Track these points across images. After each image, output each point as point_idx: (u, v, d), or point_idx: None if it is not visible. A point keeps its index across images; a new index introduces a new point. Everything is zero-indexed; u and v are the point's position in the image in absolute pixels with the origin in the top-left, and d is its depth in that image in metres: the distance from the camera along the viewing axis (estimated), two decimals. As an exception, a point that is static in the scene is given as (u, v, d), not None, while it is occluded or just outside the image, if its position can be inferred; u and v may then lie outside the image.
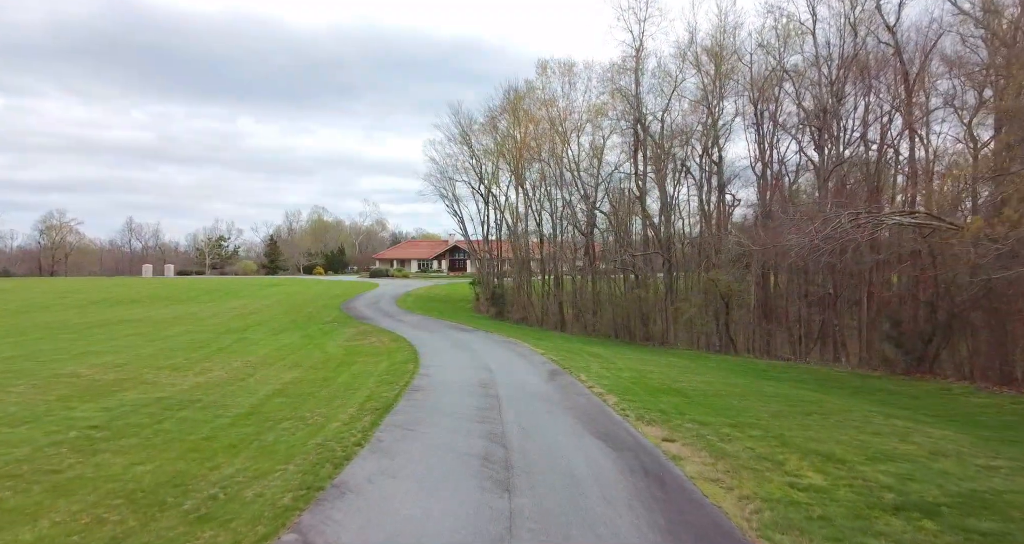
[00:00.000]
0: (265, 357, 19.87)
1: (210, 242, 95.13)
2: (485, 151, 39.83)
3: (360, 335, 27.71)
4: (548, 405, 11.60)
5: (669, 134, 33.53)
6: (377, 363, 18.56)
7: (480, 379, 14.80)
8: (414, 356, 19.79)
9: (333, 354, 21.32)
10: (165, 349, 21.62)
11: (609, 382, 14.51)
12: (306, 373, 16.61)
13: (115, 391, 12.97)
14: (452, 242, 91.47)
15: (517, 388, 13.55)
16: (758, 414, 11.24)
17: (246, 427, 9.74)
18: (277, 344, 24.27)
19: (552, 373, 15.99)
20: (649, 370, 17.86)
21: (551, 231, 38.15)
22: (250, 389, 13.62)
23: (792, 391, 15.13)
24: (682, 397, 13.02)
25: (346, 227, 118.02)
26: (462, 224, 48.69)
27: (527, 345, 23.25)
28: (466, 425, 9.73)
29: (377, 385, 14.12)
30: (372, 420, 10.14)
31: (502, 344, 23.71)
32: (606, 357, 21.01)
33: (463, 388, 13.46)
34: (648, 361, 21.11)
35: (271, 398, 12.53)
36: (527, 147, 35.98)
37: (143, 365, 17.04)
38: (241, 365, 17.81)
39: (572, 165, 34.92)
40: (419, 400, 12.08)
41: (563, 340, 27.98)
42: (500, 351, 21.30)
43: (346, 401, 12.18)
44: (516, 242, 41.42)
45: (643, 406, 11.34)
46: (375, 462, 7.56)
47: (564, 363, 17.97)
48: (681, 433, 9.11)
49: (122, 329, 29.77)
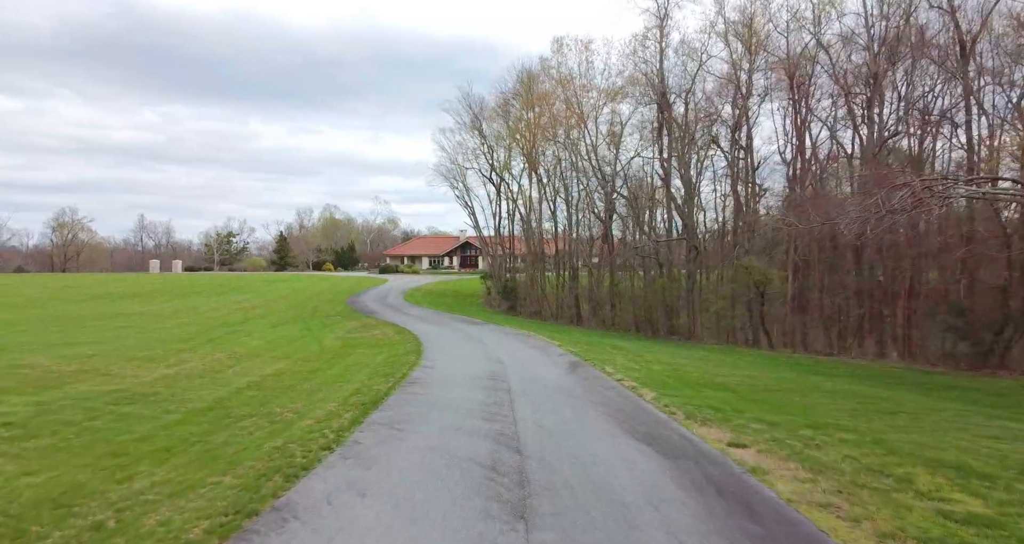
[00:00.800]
0: (255, 348, 18.06)
1: (219, 238, 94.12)
2: (497, 137, 37.81)
3: (362, 328, 25.85)
4: (571, 399, 9.56)
5: (694, 116, 31.26)
6: (375, 355, 16.64)
7: (490, 371, 12.79)
8: (417, 348, 17.85)
9: (329, 346, 19.46)
10: (150, 340, 19.91)
11: (640, 375, 12.41)
12: (294, 365, 14.74)
13: (67, 383, 11.14)
14: (463, 239, 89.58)
15: (533, 381, 11.52)
16: (832, 413, 9.10)
17: (195, 425, 7.81)
18: (272, 336, 22.48)
19: (573, 365, 13.93)
20: (682, 363, 15.73)
21: (566, 221, 36.05)
22: (222, 381, 11.74)
23: (856, 387, 12.92)
24: (730, 392, 10.89)
25: (358, 225, 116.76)
26: (473, 216, 46.72)
27: (542, 338, 21.21)
28: (469, 422, 7.72)
29: (370, 378, 12.16)
30: (353, 417, 8.16)
31: (514, 336, 21.69)
32: (631, 350, 18.90)
33: (469, 381, 11.46)
34: (678, 354, 18.95)
35: (243, 391, 10.61)
36: (541, 130, 33.86)
37: (116, 356, 15.26)
38: (225, 356, 15.98)
39: (589, 149, 32.77)
40: (415, 394, 10.09)
41: (581, 334, 25.90)
42: (512, 343, 19.28)
43: (329, 395, 10.23)
44: (529, 233, 39.31)
45: (688, 402, 9.24)
46: (343, 473, 5.57)
47: (585, 355, 15.90)
48: (749, 435, 7.02)
49: (115, 322, 28.21)
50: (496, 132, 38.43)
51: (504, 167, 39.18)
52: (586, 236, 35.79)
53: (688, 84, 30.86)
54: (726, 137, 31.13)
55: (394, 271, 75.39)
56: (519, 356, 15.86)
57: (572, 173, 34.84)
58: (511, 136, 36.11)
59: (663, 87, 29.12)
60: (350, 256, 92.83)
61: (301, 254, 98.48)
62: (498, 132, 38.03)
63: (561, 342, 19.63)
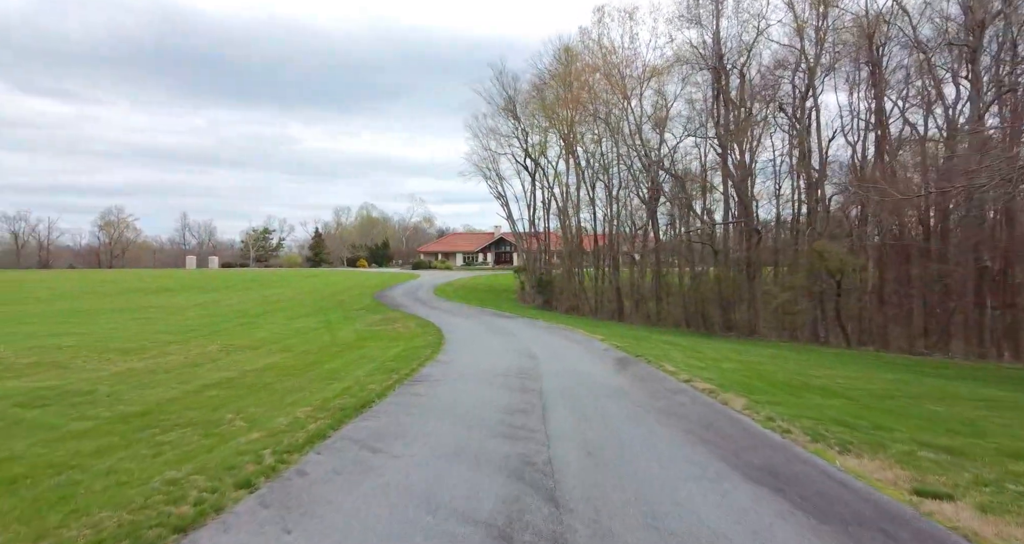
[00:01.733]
0: (258, 341, 16.03)
1: (255, 235, 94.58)
2: (531, 118, 35.02)
3: (385, 321, 23.69)
4: (627, 406, 6.92)
5: (750, 91, 27.89)
6: (388, 348, 14.32)
7: (518, 367, 10.25)
8: (438, 341, 15.47)
9: (342, 339, 17.28)
10: (148, 332, 18.14)
11: (713, 374, 9.64)
12: (291, 358, 12.53)
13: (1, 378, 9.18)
14: (498, 234, 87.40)
15: (572, 379, 8.92)
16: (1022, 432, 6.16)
17: (95, 440, 5.53)
18: (284, 329, 20.49)
19: (621, 361, 11.23)
20: (756, 361, 12.83)
21: (607, 209, 33.11)
22: (190, 377, 9.53)
23: (1007, 394, 9.79)
24: (845, 399, 8.02)
25: (393, 223, 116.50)
26: (506, 206, 44.17)
27: (581, 331, 18.53)
28: (480, 441, 5.20)
29: (370, 374, 9.78)
30: (320, 429, 5.74)
31: (549, 330, 19.07)
32: (686, 346, 16.04)
33: (490, 378, 8.95)
34: (744, 351, 15.98)
35: (204, 390, 8.35)
36: (580, 108, 31.05)
37: (93, 348, 13.36)
38: (217, 349, 13.92)
39: (633, 129, 29.81)
40: (418, 396, 7.63)
41: (625, 328, 23.10)
42: (547, 336, 16.69)
43: (308, 396, 7.87)
44: (566, 222, 36.55)
45: (800, 413, 6.47)
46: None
47: (634, 350, 13.16)
48: (937, 474, 4.27)
49: (131, 315, 26.92)
50: (531, 113, 35.78)
51: (540, 151, 36.46)
52: (628, 225, 32.82)
53: (744, 57, 27.57)
54: (786, 113, 27.63)
55: (427, 267, 73.78)
56: (555, 350, 13.27)
57: (613, 156, 31.94)
58: (547, 116, 33.34)
59: (720, 50, 25.87)
60: (384, 253, 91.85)
61: (336, 251, 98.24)
62: (532, 114, 35.34)
63: (604, 336, 16.92)
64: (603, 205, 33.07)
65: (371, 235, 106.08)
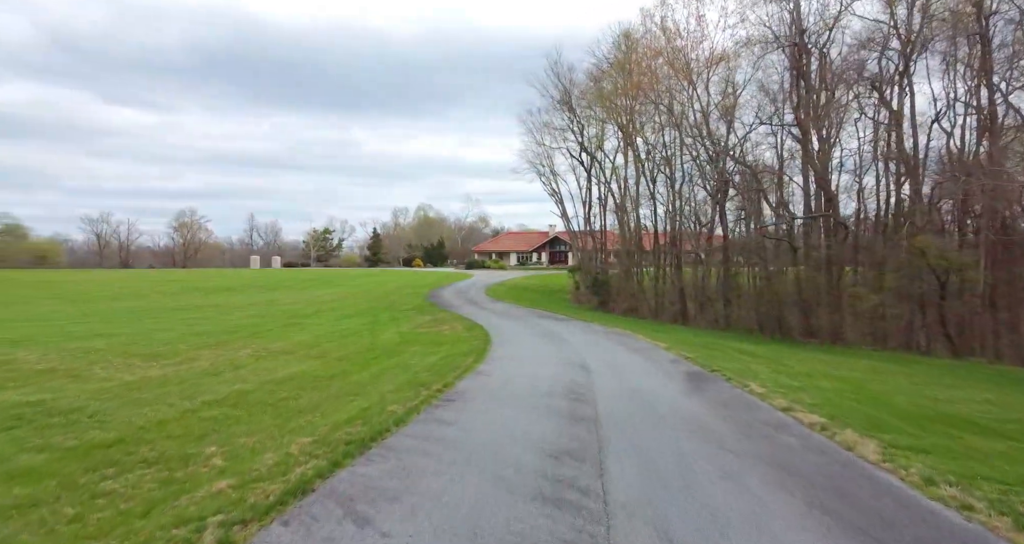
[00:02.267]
0: (297, 344, 15.15)
1: (315, 235, 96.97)
2: (588, 109, 33.01)
3: (432, 322, 22.59)
4: (713, 450, 5.20)
5: (831, 73, 24.92)
6: (428, 355, 13.03)
7: (569, 383, 8.66)
8: (482, 347, 14.08)
9: (384, 342, 16.20)
10: (189, 334, 17.68)
11: (814, 398, 7.71)
12: (320, 366, 11.44)
13: (8, 387, 8.44)
14: (552, 234, 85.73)
15: (635, 401, 7.25)
16: None
17: (17, 486, 4.37)
18: (328, 330, 19.71)
19: (694, 377, 9.41)
20: (857, 378, 10.67)
21: (669, 204, 30.76)
22: (198, 391, 8.50)
23: None
24: (1006, 440, 5.95)
25: (449, 223, 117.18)
26: (560, 204, 42.43)
27: (642, 337, 16.66)
28: (507, 508, 3.68)
29: (398, 389, 8.45)
30: (304, 476, 4.39)
31: (606, 335, 17.30)
32: (766, 357, 13.92)
33: (534, 398, 7.42)
34: (837, 364, 13.68)
35: (203, 409, 7.23)
36: (641, 96, 28.90)
37: (119, 353, 12.75)
38: (247, 354, 13.05)
39: (699, 116, 27.39)
40: (442, 423, 6.18)
41: (691, 334, 20.98)
42: (602, 343, 14.97)
43: (317, 419, 6.60)
44: (624, 219, 34.44)
45: (965, 469, 4.57)
46: None
47: (708, 362, 11.27)
48: None
49: (181, 314, 27.11)
50: (587, 105, 33.88)
51: (596, 144, 34.50)
52: (692, 221, 30.38)
53: (826, 35, 24.62)
54: (879, 91, 24.48)
55: (481, 267, 73.06)
56: (612, 360, 11.57)
57: (676, 146, 29.63)
58: (604, 106, 31.36)
59: (800, 25, 23.17)
60: (439, 252, 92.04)
61: (393, 251, 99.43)
62: (589, 105, 33.40)
63: (668, 343, 15.01)
64: (664, 200, 30.82)
65: (427, 235, 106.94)
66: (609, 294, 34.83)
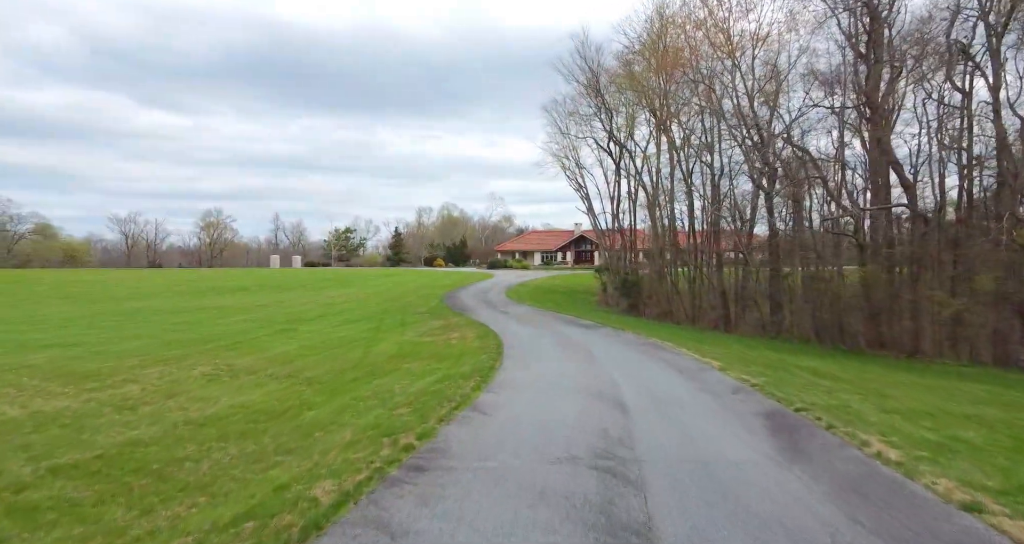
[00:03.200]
0: (269, 359, 12.80)
1: (337, 234, 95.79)
2: (617, 94, 30.01)
3: (442, 329, 20.15)
4: None
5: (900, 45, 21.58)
6: (423, 375, 10.54)
7: (598, 434, 6.05)
8: (492, 362, 11.56)
9: (377, 356, 13.76)
10: (155, 344, 15.50)
11: (981, 467, 4.90)
12: (278, 393, 9.02)
13: None
14: (578, 232, 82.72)
15: (707, 484, 4.59)
16: None
17: None
18: (320, 339, 17.44)
19: (776, 424, 6.66)
20: (1007, 419, 7.73)
21: (706, 200, 27.64)
22: (79, 439, 6.12)
23: None
24: None
25: (474, 223, 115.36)
26: (586, 199, 39.59)
27: (686, 351, 13.83)
28: None
29: (353, 441, 5.94)
30: None
31: (641, 348, 14.53)
32: (850, 380, 11.00)
33: (545, 467, 4.81)
34: (947, 391, 10.66)
35: (35, 486, 4.81)
36: (678, 73, 25.89)
37: (48, 370, 10.55)
38: (201, 373, 10.71)
39: (743, 97, 24.31)
40: (380, 530, 3.57)
41: (740, 345, 18.02)
42: (640, 360, 12.24)
43: (202, 507, 4.10)
44: (656, 214, 31.43)
45: None
46: None
47: (783, 392, 8.46)
48: None
49: (177, 317, 25.26)
50: (616, 90, 30.95)
51: (626, 131, 31.55)
52: (733, 215, 27.23)
53: (890, 6, 21.28)
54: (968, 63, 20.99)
55: (503, 266, 70.56)
56: (655, 389, 8.86)
57: (715, 134, 26.57)
58: (635, 88, 28.40)
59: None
60: (461, 252, 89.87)
61: (415, 250, 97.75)
62: (620, 88, 30.43)
63: (720, 360, 12.18)
64: (701, 194, 27.75)
65: (451, 234, 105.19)
66: (640, 296, 31.93)
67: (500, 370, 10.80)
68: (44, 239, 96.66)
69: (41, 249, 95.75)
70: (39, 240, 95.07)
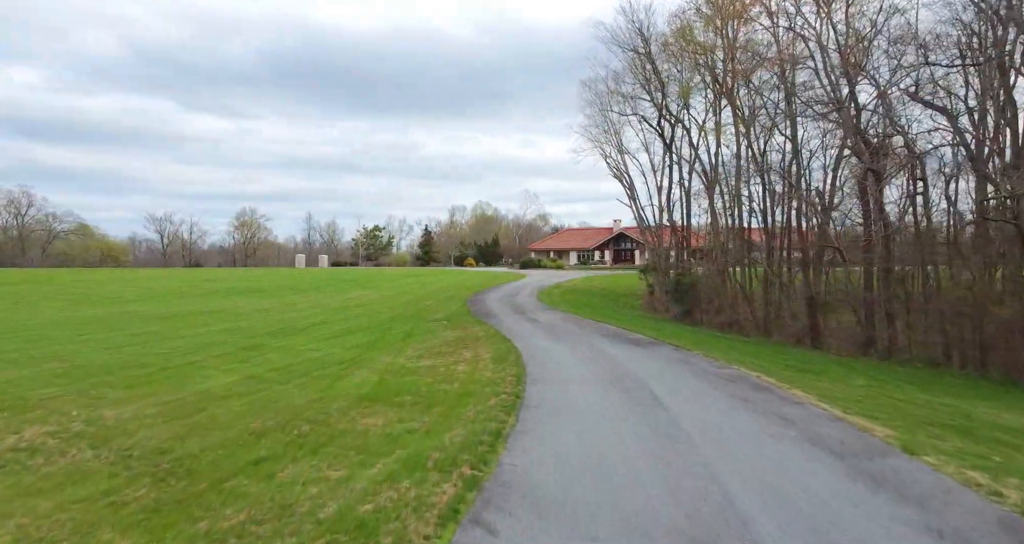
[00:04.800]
0: (163, 407, 8.58)
1: (366, 233, 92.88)
2: (672, 57, 24.88)
3: (453, 344, 15.82)
4: None
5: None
6: (384, 450, 6.15)
7: None
8: (504, 417, 7.17)
9: (339, 396, 9.40)
10: (48, 372, 11.56)
11: None
12: (73, 516, 4.77)
13: None
14: (617, 230, 77.32)
15: None
16: None
17: None
18: (283, 362, 13.26)
19: None
20: None
21: (786, 182, 22.28)
22: None
23: None
24: None
25: (507, 221, 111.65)
26: (630, 188, 34.64)
27: (801, 396, 8.95)
28: None
29: None
30: None
31: (727, 386, 9.72)
32: None
33: None
34: None
35: None
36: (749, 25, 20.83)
37: None
38: (48, 433, 6.61)
39: (835, 53, 19.04)
40: None
41: (863, 377, 12.87)
42: (741, 420, 7.47)
43: None
44: (721, 202, 26.26)
45: None
46: None
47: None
48: None
49: (153, 325, 21.61)
50: (670, 55, 25.88)
51: (682, 102, 26.36)
52: (815, 202, 21.85)
53: None
54: None
55: (536, 266, 65.89)
56: (799, 502, 4.11)
57: (793, 104, 21.31)
58: (693, 47, 23.30)
59: None
60: (493, 251, 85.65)
61: (446, 249, 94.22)
62: (674, 53, 25.37)
63: (882, 421, 7.32)
64: (781, 173, 22.43)
65: (484, 233, 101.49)
66: (697, 301, 26.83)
67: (512, 439, 6.33)
68: (81, 239, 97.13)
69: (78, 249, 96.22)
70: (76, 240, 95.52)
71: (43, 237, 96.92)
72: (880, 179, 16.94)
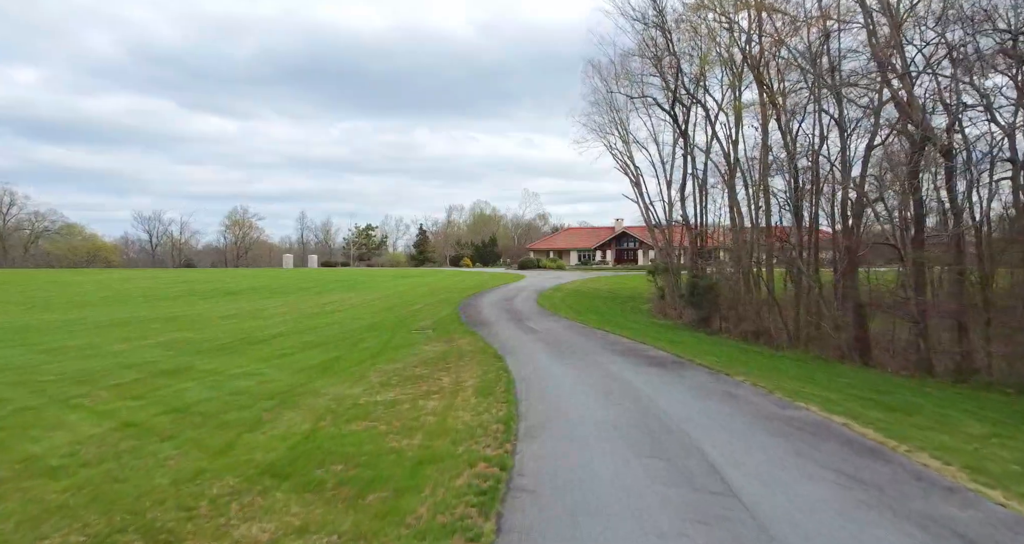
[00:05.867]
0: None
1: (358, 232, 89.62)
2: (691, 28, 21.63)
3: (432, 365, 12.72)
4: None
5: None
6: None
7: None
8: (480, 523, 3.89)
9: (239, 464, 6.26)
10: None
11: None
12: None
13: None
14: (619, 229, 74.18)
15: None
16: None
17: None
18: (197, 396, 10.11)
19: None
20: None
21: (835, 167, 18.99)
22: None
23: None
24: None
25: (506, 220, 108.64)
26: (637, 183, 31.55)
27: (966, 481, 5.81)
28: None
29: None
30: None
31: (831, 446, 6.61)
32: None
33: None
34: None
35: None
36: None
37: None
38: None
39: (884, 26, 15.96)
40: None
41: (958, 411, 9.82)
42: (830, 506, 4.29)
43: None
44: (745, 194, 23.13)
45: None
46: None
47: None
48: None
49: (63, 339, 18.46)
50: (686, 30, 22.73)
51: (698, 77, 23.18)
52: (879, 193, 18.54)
53: None
54: None
55: (535, 266, 62.70)
56: None
57: (835, 77, 18.16)
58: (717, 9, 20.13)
59: None
60: (490, 251, 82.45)
61: (442, 249, 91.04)
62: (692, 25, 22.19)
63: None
64: (816, 163, 19.22)
65: (483, 232, 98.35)
66: (716, 306, 23.69)
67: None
68: (66, 238, 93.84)
69: (63, 249, 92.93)
70: (59, 239, 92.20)
71: (26, 237, 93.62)
72: (950, 160, 13.85)
